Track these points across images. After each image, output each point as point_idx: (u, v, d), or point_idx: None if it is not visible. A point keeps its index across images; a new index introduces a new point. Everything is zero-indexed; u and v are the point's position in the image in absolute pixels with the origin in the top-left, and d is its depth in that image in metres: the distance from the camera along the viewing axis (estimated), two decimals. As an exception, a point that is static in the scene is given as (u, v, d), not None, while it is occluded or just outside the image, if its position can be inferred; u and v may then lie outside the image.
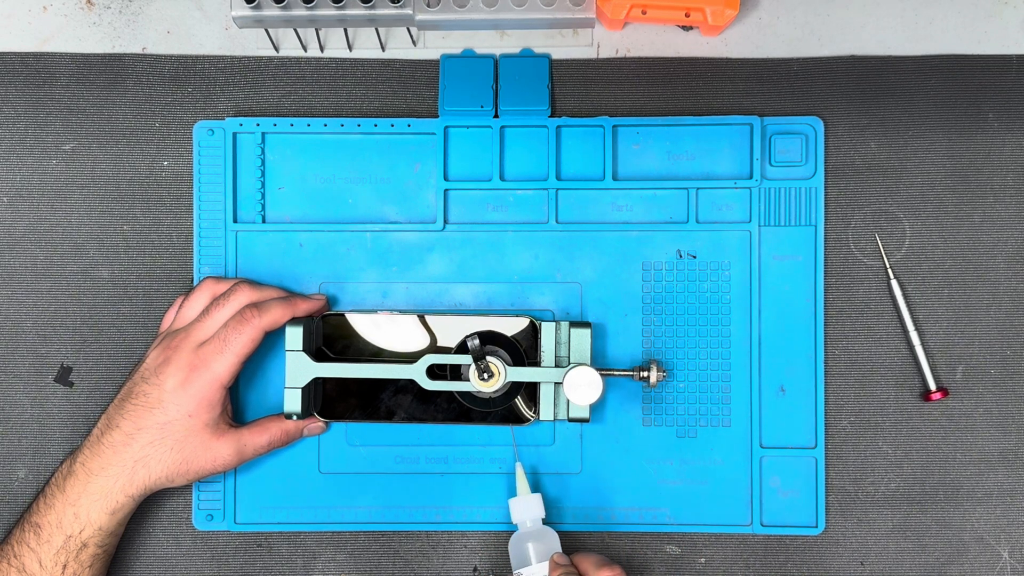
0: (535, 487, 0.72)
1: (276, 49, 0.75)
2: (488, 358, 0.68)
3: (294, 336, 0.68)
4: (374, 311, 0.72)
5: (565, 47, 0.74)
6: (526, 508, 0.70)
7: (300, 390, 0.69)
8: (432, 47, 0.75)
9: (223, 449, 0.68)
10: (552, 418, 0.70)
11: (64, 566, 0.65)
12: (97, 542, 0.66)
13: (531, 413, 0.71)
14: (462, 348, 0.70)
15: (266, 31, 0.74)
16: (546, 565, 0.68)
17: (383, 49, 0.75)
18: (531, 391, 0.71)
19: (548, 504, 0.72)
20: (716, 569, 0.72)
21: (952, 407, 0.74)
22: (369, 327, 0.71)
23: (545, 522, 0.70)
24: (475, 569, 0.73)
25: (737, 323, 0.73)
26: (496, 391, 0.70)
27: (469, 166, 0.74)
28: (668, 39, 0.75)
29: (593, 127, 0.73)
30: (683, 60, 0.75)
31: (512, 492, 0.71)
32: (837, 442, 0.73)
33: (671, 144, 0.73)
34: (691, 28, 0.75)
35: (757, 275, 0.73)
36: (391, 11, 0.69)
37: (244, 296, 0.68)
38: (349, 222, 0.73)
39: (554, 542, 0.69)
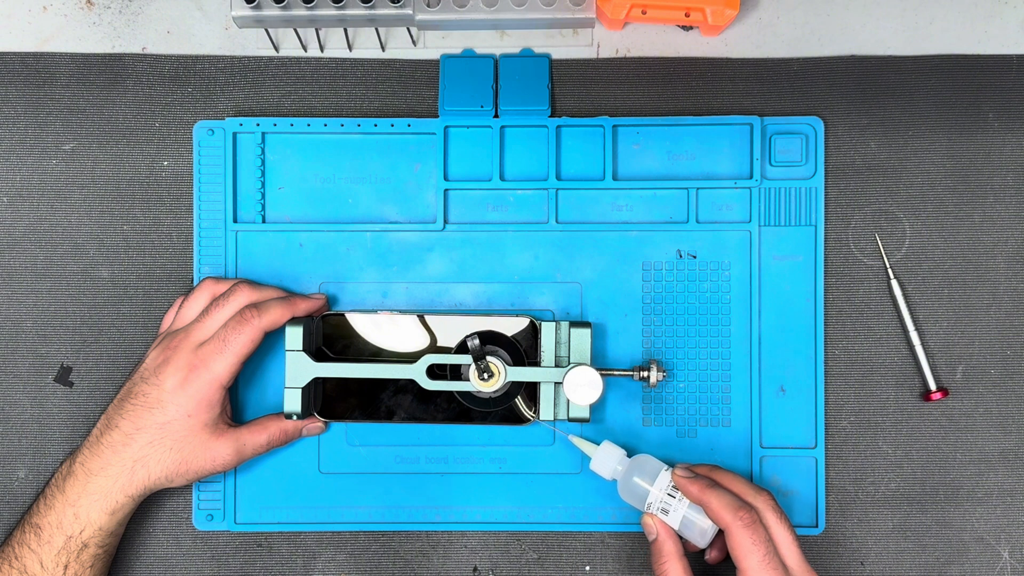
0: (536, 487, 0.72)
1: (276, 49, 0.75)
2: (488, 358, 0.68)
3: (294, 336, 0.68)
4: (374, 311, 0.72)
5: (565, 47, 0.74)
6: (606, 459, 0.69)
7: (300, 390, 0.69)
8: (432, 47, 0.75)
9: (222, 449, 0.68)
10: (552, 418, 0.70)
11: (65, 567, 0.65)
12: (98, 542, 0.66)
13: (531, 413, 0.71)
14: (462, 348, 0.70)
15: (266, 31, 0.74)
16: (666, 477, 0.67)
17: (383, 49, 0.75)
18: (531, 391, 0.71)
19: (547, 503, 0.72)
20: (717, 568, 0.72)
21: (952, 407, 0.74)
22: (369, 327, 0.71)
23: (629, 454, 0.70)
24: (475, 569, 0.73)
25: (737, 323, 0.73)
26: (496, 391, 0.70)
27: (469, 166, 0.74)
28: (668, 39, 0.75)
29: (593, 127, 0.73)
30: (683, 60, 0.74)
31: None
32: (837, 442, 0.73)
33: (671, 144, 0.73)
34: (691, 28, 0.75)
35: (757, 275, 0.73)
36: (391, 11, 0.69)
37: (244, 296, 0.68)
38: (349, 222, 0.73)
39: (652, 462, 0.68)
